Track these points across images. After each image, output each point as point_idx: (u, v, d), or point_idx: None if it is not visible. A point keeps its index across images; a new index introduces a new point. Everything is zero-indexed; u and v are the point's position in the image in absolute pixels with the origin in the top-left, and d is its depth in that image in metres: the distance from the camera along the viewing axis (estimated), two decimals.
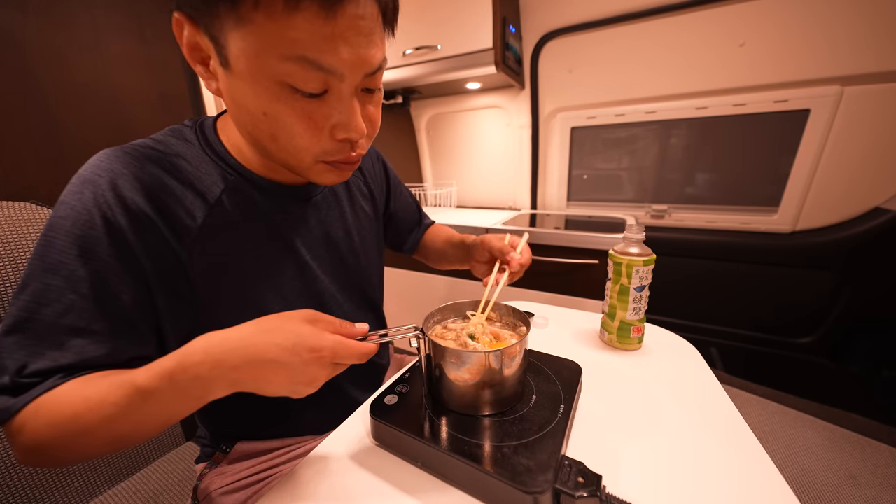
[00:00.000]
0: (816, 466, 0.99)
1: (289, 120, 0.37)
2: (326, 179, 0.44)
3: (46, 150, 0.83)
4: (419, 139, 1.99)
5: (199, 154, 0.45)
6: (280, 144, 0.39)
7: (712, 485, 0.37)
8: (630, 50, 1.41)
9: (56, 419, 0.32)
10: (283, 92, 0.35)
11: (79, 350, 0.35)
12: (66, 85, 0.86)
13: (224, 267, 0.44)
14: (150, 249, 0.39)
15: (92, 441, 0.33)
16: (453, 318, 0.52)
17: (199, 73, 0.39)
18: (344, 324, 0.38)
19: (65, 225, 0.36)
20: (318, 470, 0.41)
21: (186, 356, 0.32)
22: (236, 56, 0.34)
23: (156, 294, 0.40)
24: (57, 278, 0.35)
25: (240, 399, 0.38)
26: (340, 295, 0.57)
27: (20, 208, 0.57)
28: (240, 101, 0.37)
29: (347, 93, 0.37)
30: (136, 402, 0.32)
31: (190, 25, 0.35)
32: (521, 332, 0.48)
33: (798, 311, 1.41)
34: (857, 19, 1.10)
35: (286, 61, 0.33)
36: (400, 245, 0.80)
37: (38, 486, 0.57)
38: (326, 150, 0.40)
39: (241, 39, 0.33)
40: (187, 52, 0.37)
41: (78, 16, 0.87)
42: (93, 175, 0.38)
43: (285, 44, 0.32)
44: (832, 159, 1.24)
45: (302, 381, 0.34)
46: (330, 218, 0.56)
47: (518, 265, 0.56)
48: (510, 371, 0.42)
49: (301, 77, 0.34)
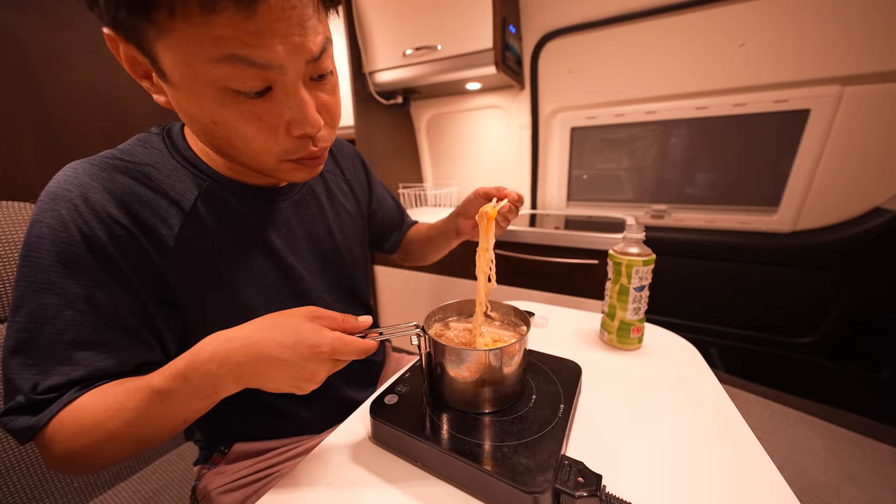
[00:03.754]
0: (816, 466, 0.99)
1: (239, 125, 0.35)
2: (297, 177, 0.43)
3: (46, 150, 0.83)
4: (419, 139, 1.99)
5: (170, 161, 0.44)
6: (239, 150, 0.38)
7: (712, 485, 0.37)
8: (630, 50, 1.41)
9: (80, 429, 0.34)
10: (225, 97, 0.33)
11: (88, 362, 0.36)
12: (66, 85, 0.86)
13: (205, 274, 0.44)
14: (130, 259, 0.39)
15: (117, 445, 0.35)
16: (454, 316, 0.52)
17: (146, 87, 0.37)
18: (347, 318, 0.38)
19: (44, 244, 0.36)
20: (318, 469, 0.41)
21: (197, 355, 0.33)
22: (170, 68, 0.32)
23: (146, 301, 0.41)
24: (51, 297, 0.35)
25: (235, 400, 0.38)
26: (327, 294, 0.57)
27: (20, 208, 0.57)
28: (187, 111, 0.36)
29: (293, 86, 0.35)
30: (154, 403, 0.34)
31: (122, 42, 0.33)
32: (522, 332, 0.48)
33: (798, 310, 1.41)
34: (856, 19, 1.10)
35: (217, 64, 0.31)
36: (381, 244, 0.79)
37: (38, 487, 0.57)
38: (287, 150, 0.39)
39: (168, 49, 0.31)
40: (128, 68, 0.35)
41: (78, 16, 0.87)
42: (61, 190, 0.37)
43: (211, 45, 0.30)
44: (832, 159, 1.24)
45: (303, 377, 0.34)
46: (309, 217, 0.56)
47: (516, 195, 0.54)
48: (510, 369, 0.42)
49: (237, 77, 0.32)
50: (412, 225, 0.83)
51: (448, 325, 0.51)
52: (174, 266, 0.42)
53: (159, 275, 0.41)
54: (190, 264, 0.43)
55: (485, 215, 0.48)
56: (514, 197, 0.54)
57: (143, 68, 0.35)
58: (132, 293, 0.39)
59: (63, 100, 0.85)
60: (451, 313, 0.52)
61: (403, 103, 1.73)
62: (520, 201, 0.55)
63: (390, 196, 0.79)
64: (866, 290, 1.28)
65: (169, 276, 0.42)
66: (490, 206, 0.48)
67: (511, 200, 0.53)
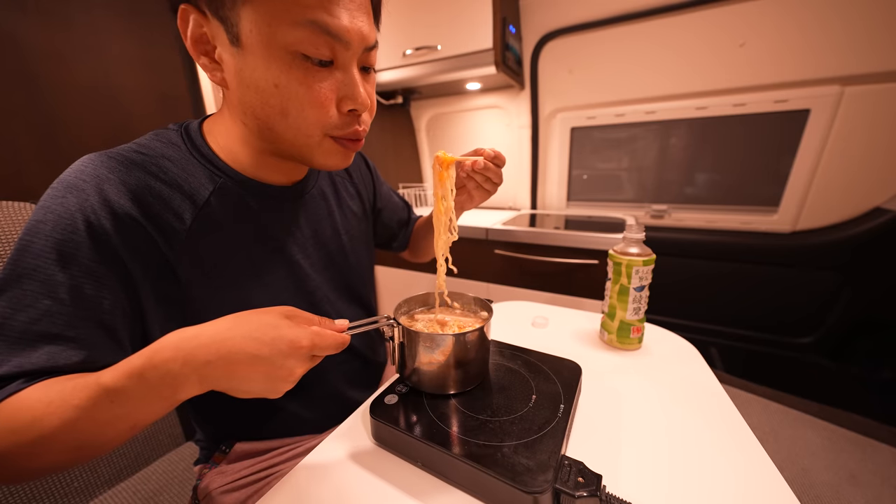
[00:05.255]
0: (816, 466, 0.99)
1: (300, 89, 0.38)
2: (331, 161, 0.46)
3: (46, 150, 0.83)
4: (419, 139, 1.99)
5: (186, 156, 0.44)
6: (290, 119, 0.40)
7: (712, 485, 0.37)
8: (630, 50, 1.41)
9: (15, 425, 0.30)
10: (294, 60, 0.37)
11: (49, 356, 0.34)
12: (66, 85, 0.86)
13: (214, 268, 0.44)
14: (136, 253, 0.39)
15: (51, 448, 0.30)
16: (419, 308, 0.55)
17: (203, 64, 0.40)
18: (323, 320, 0.37)
19: (44, 229, 0.35)
20: (318, 470, 0.41)
21: (157, 352, 0.31)
22: (248, 30, 0.36)
23: (143, 298, 0.40)
24: (32, 283, 0.34)
25: (237, 400, 0.38)
26: (332, 293, 0.58)
27: (20, 208, 0.57)
28: (249, 78, 0.38)
29: (350, 64, 0.40)
30: (101, 402, 0.30)
31: (196, 14, 0.37)
32: (483, 317, 0.52)
33: (798, 311, 1.41)
34: (857, 19, 1.10)
35: (297, 27, 0.36)
36: (390, 242, 0.80)
37: (38, 486, 0.57)
38: (335, 124, 0.42)
39: (253, 12, 0.35)
40: (191, 45, 0.39)
41: (78, 16, 0.86)
42: (77, 180, 0.37)
43: (296, 9, 0.35)
44: (832, 159, 1.24)
45: (280, 375, 0.33)
46: (318, 217, 0.56)
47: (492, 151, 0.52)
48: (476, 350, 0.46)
49: (311, 42, 0.36)
50: (417, 220, 0.83)
51: (414, 316, 0.53)
52: (184, 260, 0.42)
53: (167, 269, 0.41)
54: (200, 259, 0.43)
55: (438, 161, 0.50)
56: (490, 154, 0.52)
57: (205, 46, 0.39)
58: (126, 289, 0.39)
59: (63, 100, 0.85)
60: (415, 305, 0.54)
61: (403, 103, 1.73)
62: (497, 159, 0.53)
63: (396, 194, 0.80)
64: (866, 290, 1.28)
65: (178, 271, 0.42)
66: (443, 152, 0.50)
67: (486, 158, 0.52)
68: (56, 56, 0.84)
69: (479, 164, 0.51)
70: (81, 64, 0.88)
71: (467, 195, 0.57)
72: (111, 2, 0.92)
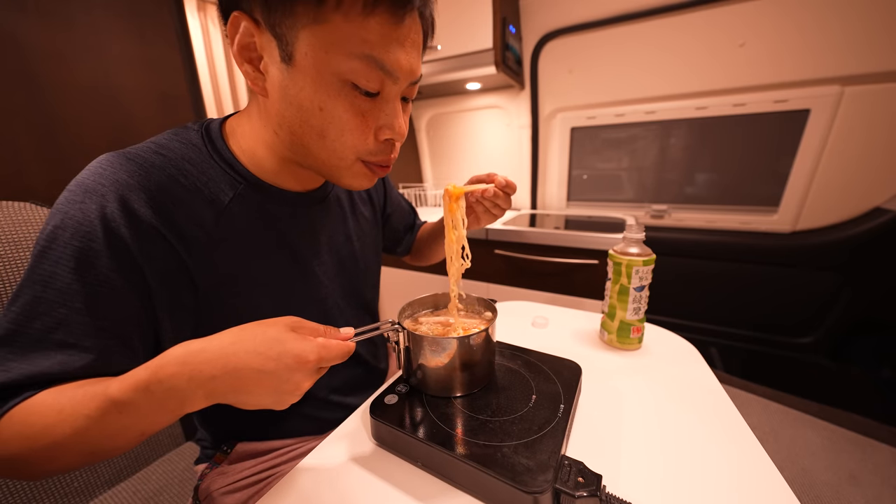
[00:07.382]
0: (816, 466, 0.99)
1: (344, 115, 0.39)
2: (358, 182, 0.46)
3: (46, 150, 0.83)
4: (419, 139, 1.99)
5: (206, 159, 0.44)
6: (327, 142, 0.41)
7: (712, 485, 0.37)
8: (630, 50, 1.41)
9: (28, 431, 0.31)
10: (343, 88, 0.38)
11: (62, 364, 0.34)
12: (66, 85, 0.86)
13: (232, 275, 0.44)
14: (154, 261, 0.38)
15: (63, 453, 0.31)
16: (423, 311, 0.55)
17: (246, 71, 0.40)
18: (329, 329, 0.37)
19: (63, 236, 0.35)
20: (319, 470, 0.41)
21: (161, 367, 0.31)
22: (303, 52, 0.36)
23: (158, 307, 0.40)
24: (49, 291, 0.34)
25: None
26: (342, 300, 0.58)
27: (20, 208, 0.57)
28: (294, 96, 0.38)
29: (395, 96, 0.41)
30: (109, 413, 0.31)
31: (249, 23, 0.36)
32: (488, 318, 0.52)
33: (798, 310, 1.41)
34: (856, 19, 1.10)
35: (354, 59, 0.36)
36: (394, 247, 0.80)
37: (38, 486, 0.57)
38: (370, 150, 0.43)
39: (312, 36, 0.35)
40: (237, 51, 0.38)
41: (78, 16, 0.86)
42: (96, 184, 0.36)
43: (356, 43, 0.35)
44: (832, 159, 1.24)
45: (286, 389, 0.32)
46: (332, 223, 0.56)
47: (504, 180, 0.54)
48: (482, 352, 0.46)
49: (364, 75, 0.37)
50: (421, 225, 0.84)
51: (418, 320, 0.53)
52: (203, 266, 0.42)
53: (184, 275, 0.41)
54: (217, 266, 0.43)
55: (447, 194, 0.50)
56: (502, 182, 0.54)
57: (251, 54, 0.38)
58: (142, 297, 0.38)
59: (63, 100, 0.85)
60: (419, 308, 0.55)
61: None
62: (509, 187, 0.54)
63: (403, 199, 0.80)
64: (866, 290, 1.28)
65: (196, 277, 0.41)
66: (452, 185, 0.51)
67: (498, 186, 0.54)
68: (56, 56, 0.84)
69: (490, 192, 0.53)
70: (81, 64, 0.88)
71: (475, 217, 0.60)
72: (111, 2, 0.92)
